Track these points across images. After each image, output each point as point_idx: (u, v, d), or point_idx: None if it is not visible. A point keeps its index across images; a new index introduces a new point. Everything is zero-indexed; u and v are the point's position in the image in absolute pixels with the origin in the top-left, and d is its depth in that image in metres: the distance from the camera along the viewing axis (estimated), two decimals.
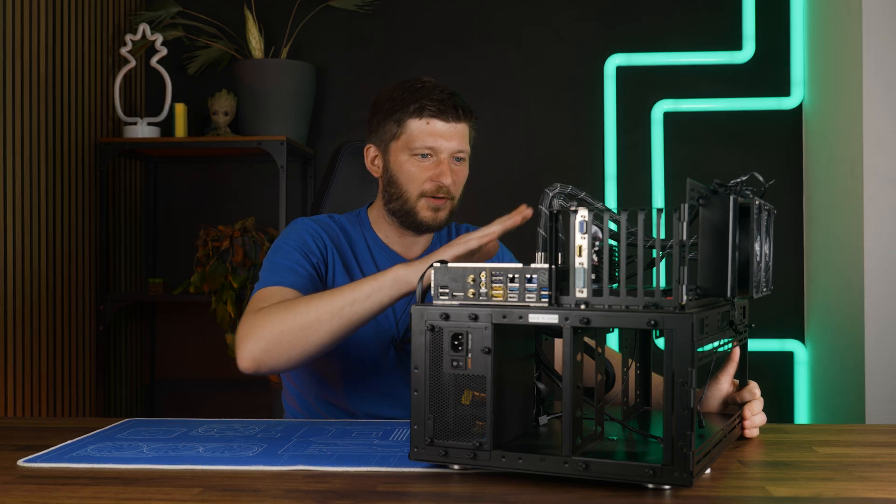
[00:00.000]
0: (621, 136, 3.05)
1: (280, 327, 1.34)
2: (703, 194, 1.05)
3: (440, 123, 1.54)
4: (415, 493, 1.01)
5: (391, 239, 1.64)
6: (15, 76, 2.47)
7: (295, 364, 1.38)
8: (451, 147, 1.55)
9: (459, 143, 1.56)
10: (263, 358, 1.35)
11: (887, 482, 1.05)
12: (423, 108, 1.54)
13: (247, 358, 1.36)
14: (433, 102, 1.54)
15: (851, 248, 2.59)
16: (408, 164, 1.56)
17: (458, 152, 1.57)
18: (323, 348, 1.36)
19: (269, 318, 1.35)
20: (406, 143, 1.56)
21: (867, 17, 2.51)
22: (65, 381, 2.71)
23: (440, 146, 1.54)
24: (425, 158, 1.55)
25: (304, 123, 3.04)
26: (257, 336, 1.35)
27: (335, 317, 1.33)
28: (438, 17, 3.15)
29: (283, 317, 1.35)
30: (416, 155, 1.55)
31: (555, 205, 1.07)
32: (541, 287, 1.04)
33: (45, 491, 1.02)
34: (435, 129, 1.54)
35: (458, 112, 1.56)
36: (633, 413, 1.27)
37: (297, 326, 1.34)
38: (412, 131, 1.55)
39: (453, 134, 1.55)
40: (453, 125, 1.55)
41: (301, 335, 1.34)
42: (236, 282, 2.82)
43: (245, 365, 1.37)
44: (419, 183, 1.55)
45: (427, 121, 1.54)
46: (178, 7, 3.06)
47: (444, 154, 1.55)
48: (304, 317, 1.34)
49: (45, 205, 2.61)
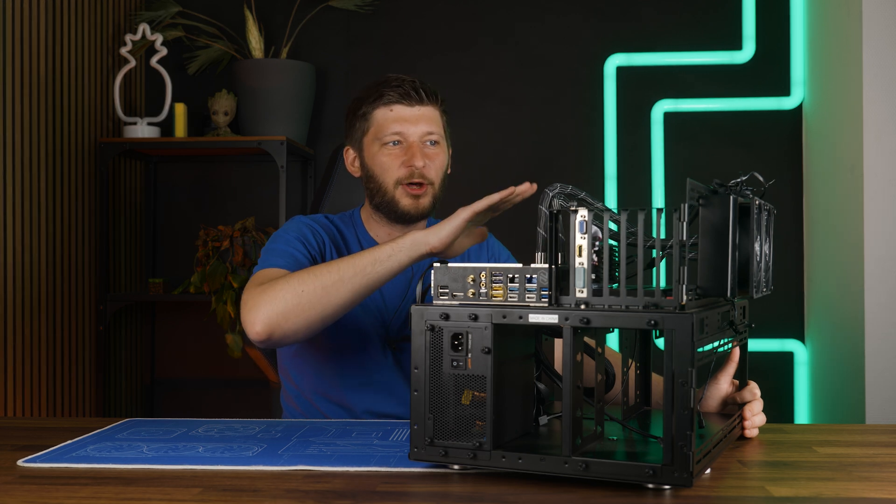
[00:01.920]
0: (621, 136, 3.05)
1: (300, 288, 1.33)
2: (703, 194, 1.05)
3: (404, 108, 1.57)
4: (415, 493, 1.01)
5: (382, 238, 1.64)
6: (15, 76, 2.47)
7: (310, 329, 1.35)
8: (419, 130, 1.57)
9: (428, 125, 1.58)
10: (279, 321, 1.32)
11: (887, 482, 1.05)
12: (383, 95, 1.57)
13: (260, 321, 1.32)
14: (393, 89, 1.57)
15: (851, 248, 2.59)
16: (379, 154, 1.58)
17: (428, 135, 1.58)
18: (343, 309, 1.35)
19: (287, 283, 1.34)
20: (375, 134, 1.58)
21: (867, 17, 2.51)
22: (65, 381, 2.71)
23: (407, 131, 1.56)
24: (396, 146, 1.57)
25: (304, 123, 3.04)
26: (272, 299, 1.32)
27: (357, 275, 1.34)
28: (438, 17, 3.15)
29: (303, 278, 1.33)
30: (386, 144, 1.57)
31: (555, 205, 1.07)
32: (541, 287, 1.04)
33: (45, 491, 1.02)
34: (399, 115, 1.57)
35: (421, 94, 1.58)
36: (633, 413, 1.27)
37: (320, 286, 1.33)
38: (378, 121, 1.58)
39: (419, 117, 1.57)
40: (418, 108, 1.57)
41: (324, 293, 1.33)
42: (236, 282, 2.82)
43: (258, 329, 1.32)
44: (393, 171, 1.57)
45: (391, 108, 1.57)
46: (178, 7, 3.06)
47: (414, 138, 1.57)
48: (326, 277, 1.33)
49: (45, 205, 2.61)
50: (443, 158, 1.61)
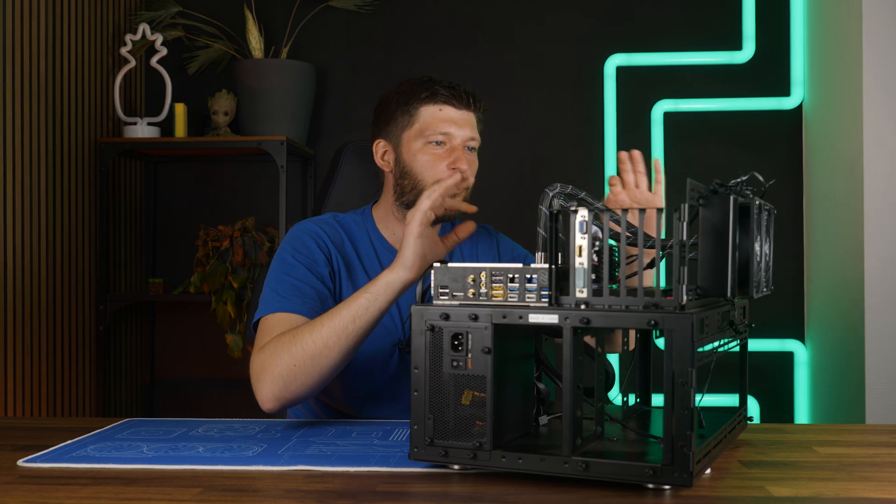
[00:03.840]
0: (621, 136, 3.05)
1: (291, 362, 1.35)
2: (703, 194, 1.05)
3: (452, 110, 1.55)
4: (415, 493, 1.01)
5: (397, 237, 1.62)
6: (15, 76, 2.47)
7: (316, 389, 1.39)
8: (464, 135, 1.55)
9: (471, 131, 1.56)
10: (283, 394, 1.36)
11: (887, 482, 1.05)
12: (436, 93, 1.55)
13: (268, 399, 1.36)
14: (445, 89, 1.55)
15: (851, 248, 2.59)
16: (422, 152, 1.55)
17: (470, 140, 1.56)
18: (339, 368, 1.38)
19: (279, 355, 1.36)
20: (420, 131, 1.55)
21: (867, 17, 2.51)
22: (65, 381, 2.71)
23: (454, 133, 1.54)
24: (439, 146, 1.54)
25: (304, 123, 3.04)
26: (271, 376, 1.35)
27: (341, 338, 1.34)
28: (438, 17, 3.14)
29: (291, 351, 1.35)
30: (430, 143, 1.54)
31: (555, 205, 1.07)
32: (541, 287, 1.04)
33: (45, 491, 1.02)
34: (448, 116, 1.55)
35: (469, 100, 1.57)
36: (633, 413, 1.27)
37: (309, 357, 1.34)
38: (425, 118, 1.55)
39: (465, 121, 1.56)
40: (465, 112, 1.56)
41: (314, 364, 1.35)
42: (236, 282, 2.82)
43: (268, 406, 1.37)
44: (435, 170, 1.53)
45: (440, 107, 1.55)
46: (178, 7, 3.06)
47: (458, 141, 1.55)
48: (311, 346, 1.34)
49: (45, 205, 2.61)
50: (476, 166, 1.59)
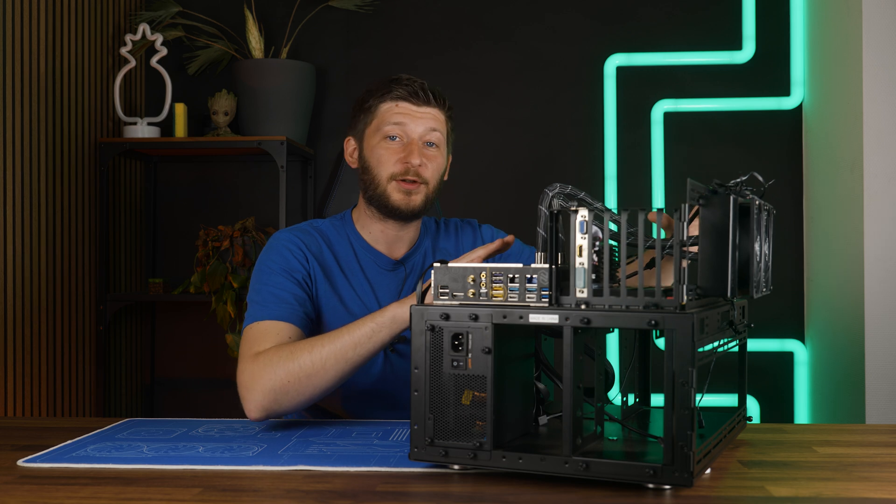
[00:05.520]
0: (621, 136, 3.05)
1: (286, 377, 1.36)
2: (703, 194, 1.05)
3: (409, 105, 1.58)
4: (415, 493, 1.01)
5: (374, 236, 1.63)
6: (15, 76, 2.47)
7: (305, 406, 1.40)
8: (420, 129, 1.57)
9: (430, 126, 1.58)
10: (272, 407, 1.37)
11: (887, 482, 1.05)
12: (391, 90, 1.59)
13: (255, 409, 1.37)
14: (402, 86, 1.58)
15: (851, 248, 2.59)
16: (378, 147, 1.58)
17: (429, 133, 1.58)
18: (330, 390, 1.39)
19: (273, 368, 1.37)
20: (377, 127, 1.59)
21: (867, 17, 2.51)
22: (65, 381, 2.71)
23: (409, 127, 1.57)
24: (395, 141, 1.57)
25: (304, 123, 3.04)
26: (263, 388, 1.37)
27: (339, 361, 1.36)
28: (438, 16, 3.14)
29: (288, 366, 1.36)
30: (386, 137, 1.57)
31: (555, 205, 1.07)
32: (541, 287, 1.04)
33: (45, 491, 1.02)
34: (403, 110, 1.58)
35: (428, 95, 1.59)
36: (632, 413, 1.27)
37: (304, 374, 1.35)
38: (382, 114, 1.59)
39: (423, 116, 1.58)
40: (423, 108, 1.58)
41: (308, 382, 1.36)
42: (236, 282, 2.81)
43: (255, 416, 1.38)
44: (388, 165, 1.57)
45: (396, 103, 1.58)
46: (178, 7, 3.06)
47: (414, 136, 1.57)
48: (308, 365, 1.36)
49: (45, 205, 2.61)
50: (440, 162, 1.61)
